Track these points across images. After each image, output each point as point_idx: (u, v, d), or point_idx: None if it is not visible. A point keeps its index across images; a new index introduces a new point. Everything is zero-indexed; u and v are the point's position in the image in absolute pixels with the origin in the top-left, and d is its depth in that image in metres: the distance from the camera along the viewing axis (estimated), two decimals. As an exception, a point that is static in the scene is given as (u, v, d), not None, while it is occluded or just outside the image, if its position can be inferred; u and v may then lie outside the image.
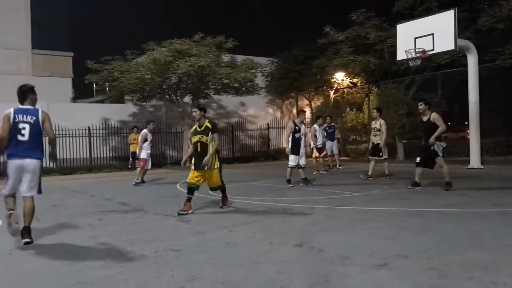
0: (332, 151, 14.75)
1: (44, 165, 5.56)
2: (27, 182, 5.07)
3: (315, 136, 13.54)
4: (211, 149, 6.96)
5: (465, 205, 6.95)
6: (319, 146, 13.58)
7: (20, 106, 5.23)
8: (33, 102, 5.32)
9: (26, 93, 5.28)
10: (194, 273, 3.85)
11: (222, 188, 7.39)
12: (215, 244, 4.90)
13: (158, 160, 19.48)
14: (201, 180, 7.12)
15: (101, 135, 18.93)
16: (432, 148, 8.54)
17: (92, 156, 18.61)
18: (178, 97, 19.04)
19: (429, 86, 17.43)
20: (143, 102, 20.40)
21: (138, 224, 6.36)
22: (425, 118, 8.88)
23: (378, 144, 11.05)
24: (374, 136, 11.13)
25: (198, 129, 7.12)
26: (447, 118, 16.87)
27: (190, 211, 6.95)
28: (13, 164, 5.05)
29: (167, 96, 19.31)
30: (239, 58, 19.60)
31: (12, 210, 5.06)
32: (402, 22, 15.29)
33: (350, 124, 21.84)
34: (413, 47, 13.88)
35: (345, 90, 22.13)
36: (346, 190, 9.19)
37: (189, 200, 7.03)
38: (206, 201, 8.34)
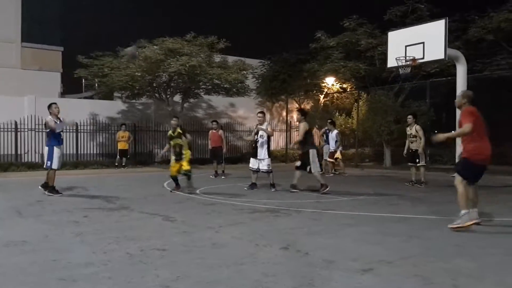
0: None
1: (29, 160, 5.52)
2: None
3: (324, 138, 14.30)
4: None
5: (451, 212, 6.99)
6: (331, 150, 14.31)
7: None
8: None
9: None
10: (179, 273, 3.83)
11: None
12: (201, 245, 4.87)
13: (146, 158, 19.40)
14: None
15: (88, 131, 18.77)
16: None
17: (79, 152, 18.44)
18: (168, 96, 18.97)
19: (418, 94, 17.62)
20: (132, 99, 20.28)
21: (124, 222, 6.31)
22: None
23: (416, 150, 10.97)
24: (411, 142, 11.05)
25: (173, 134, 9.59)
26: (434, 126, 17.07)
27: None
28: None
29: (157, 95, 19.21)
30: (231, 59, 19.60)
31: None
32: (393, 30, 15.42)
33: (339, 129, 21.92)
34: (404, 55, 13.99)
35: (335, 95, 22.24)
36: (334, 194, 9.21)
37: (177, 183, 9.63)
38: (193, 202, 8.32)
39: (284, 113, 24.86)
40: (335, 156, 14.48)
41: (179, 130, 9.59)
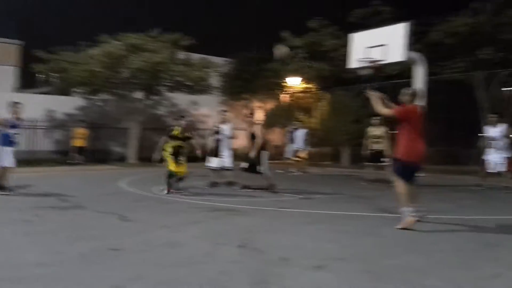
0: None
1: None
2: None
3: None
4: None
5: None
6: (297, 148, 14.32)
7: None
8: None
9: None
10: (134, 273, 3.77)
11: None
12: (158, 244, 4.81)
13: (104, 156, 18.96)
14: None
15: (44, 127, 18.16)
16: None
17: (33, 149, 17.82)
18: (129, 92, 18.60)
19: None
20: (92, 95, 19.78)
21: (77, 221, 6.15)
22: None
23: (381, 151, 11.12)
24: (376, 143, 11.19)
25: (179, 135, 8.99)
26: (394, 127, 17.51)
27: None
28: None
29: (117, 91, 18.81)
30: (195, 56, 19.44)
31: None
32: (356, 32, 15.73)
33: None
34: (365, 57, 14.30)
35: (298, 94, 22.44)
36: (292, 193, 9.28)
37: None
38: (150, 201, 8.21)
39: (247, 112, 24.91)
40: (302, 156, 14.53)
41: (187, 134, 9.24)
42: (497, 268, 4.00)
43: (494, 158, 9.91)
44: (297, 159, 14.60)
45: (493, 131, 10.04)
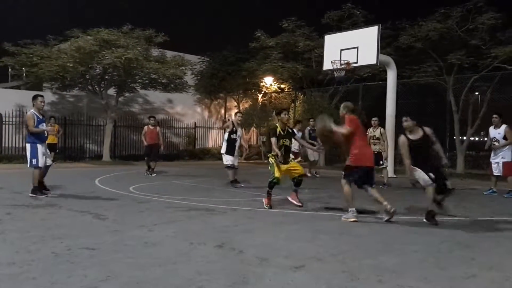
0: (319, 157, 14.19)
1: None
2: None
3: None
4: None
5: (378, 211, 7.34)
6: (296, 150, 13.04)
7: None
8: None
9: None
10: (108, 273, 3.71)
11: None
12: (133, 244, 4.75)
13: (77, 153, 18.60)
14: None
15: (14, 123, 17.67)
16: None
17: (3, 145, 17.33)
18: (102, 89, 18.30)
19: (352, 97, 18.25)
20: (63, 91, 19.35)
21: (50, 220, 6.00)
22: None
23: (379, 152, 11.01)
24: (374, 144, 11.04)
25: (282, 133, 7.56)
26: (365, 128, 17.79)
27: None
28: None
29: (90, 87, 18.47)
30: (169, 54, 19.27)
31: None
32: (329, 33, 15.91)
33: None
34: (339, 59, 14.48)
35: (273, 94, 22.55)
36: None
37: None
38: (126, 200, 8.10)
39: (222, 111, 24.85)
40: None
41: (288, 128, 7.76)
42: (472, 269, 4.10)
43: (495, 160, 9.73)
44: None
45: (495, 132, 9.74)
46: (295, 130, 9.55)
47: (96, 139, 19.70)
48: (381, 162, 11.14)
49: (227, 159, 10.35)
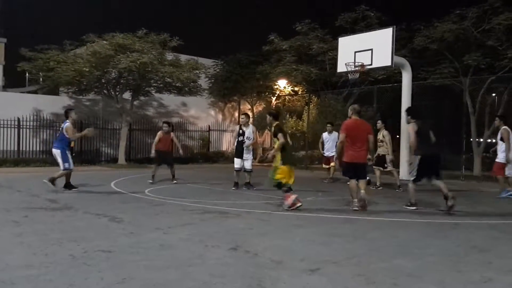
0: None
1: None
2: None
3: (322, 143, 13.24)
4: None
5: (393, 214, 7.30)
6: (325, 154, 13.06)
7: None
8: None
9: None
10: (124, 275, 3.74)
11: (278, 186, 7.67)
12: (148, 246, 4.78)
13: (93, 157, 18.80)
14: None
15: (31, 127, 17.95)
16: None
17: (21, 149, 17.60)
18: (117, 93, 18.49)
19: (366, 99, 18.18)
20: (79, 95, 19.60)
21: (67, 222, 6.08)
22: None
23: (383, 155, 10.99)
24: (379, 147, 11.02)
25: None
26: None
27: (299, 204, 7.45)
28: None
29: (105, 91, 18.68)
30: (183, 57, 19.39)
31: None
32: (343, 36, 15.85)
33: (290, 131, 22.27)
34: (353, 61, 14.41)
35: (286, 97, 22.54)
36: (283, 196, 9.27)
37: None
38: (141, 202, 8.16)
39: (236, 114, 24.90)
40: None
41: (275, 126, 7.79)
42: (489, 272, 4.04)
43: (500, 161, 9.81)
44: (331, 165, 12.91)
45: (498, 134, 9.97)
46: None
47: (112, 143, 19.90)
48: (385, 165, 11.11)
49: (235, 162, 10.54)
